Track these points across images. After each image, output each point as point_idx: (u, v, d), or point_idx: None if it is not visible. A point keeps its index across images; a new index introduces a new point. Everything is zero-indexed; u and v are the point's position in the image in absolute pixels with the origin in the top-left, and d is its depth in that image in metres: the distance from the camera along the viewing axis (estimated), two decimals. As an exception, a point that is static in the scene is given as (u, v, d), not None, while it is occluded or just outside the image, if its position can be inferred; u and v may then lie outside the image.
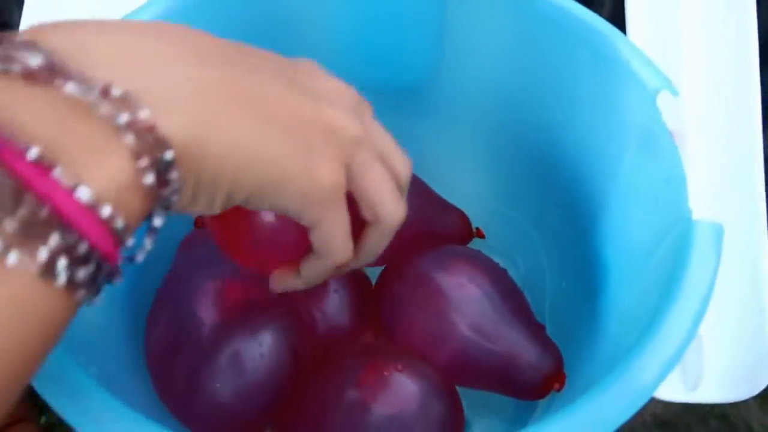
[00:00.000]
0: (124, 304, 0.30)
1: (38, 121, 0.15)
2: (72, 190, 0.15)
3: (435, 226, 0.41)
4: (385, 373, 0.29)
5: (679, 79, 0.36)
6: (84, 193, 0.15)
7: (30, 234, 0.14)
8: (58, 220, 0.15)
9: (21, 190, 0.14)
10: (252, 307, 0.29)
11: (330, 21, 0.38)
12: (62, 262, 0.15)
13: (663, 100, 0.26)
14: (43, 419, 0.48)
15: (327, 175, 0.20)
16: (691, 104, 0.36)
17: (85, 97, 0.15)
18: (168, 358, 0.28)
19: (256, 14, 0.36)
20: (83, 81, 0.16)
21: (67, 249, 0.15)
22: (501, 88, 0.38)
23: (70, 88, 0.15)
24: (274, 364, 0.28)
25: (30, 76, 0.15)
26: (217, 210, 0.20)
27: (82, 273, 0.15)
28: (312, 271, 0.25)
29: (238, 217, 0.27)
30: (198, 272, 0.30)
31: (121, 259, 0.17)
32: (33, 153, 0.15)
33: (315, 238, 0.22)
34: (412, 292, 0.35)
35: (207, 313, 0.28)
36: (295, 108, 0.20)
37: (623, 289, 0.28)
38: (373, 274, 0.40)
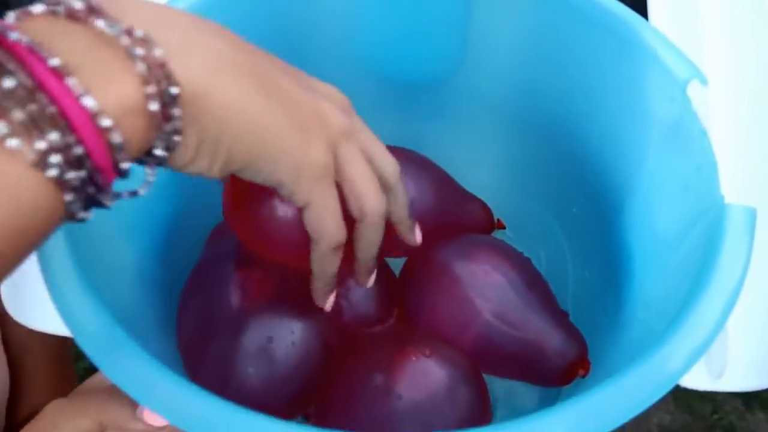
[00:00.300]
0: (156, 292, 0.31)
1: (67, 46, 0.18)
2: (79, 96, 0.17)
3: (458, 217, 0.41)
4: (413, 358, 0.29)
5: (703, 65, 0.36)
6: (89, 102, 0.17)
7: (34, 127, 0.16)
8: (62, 121, 0.17)
9: (35, 88, 0.17)
10: (284, 296, 0.29)
11: (355, 19, 0.38)
12: (56, 158, 0.17)
13: (693, 90, 0.26)
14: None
15: (319, 154, 0.23)
16: (714, 91, 0.36)
17: (110, 31, 0.18)
18: (200, 344, 0.29)
19: (283, 12, 0.37)
20: (113, 20, 0.18)
21: (63, 148, 0.17)
22: (525, 80, 0.38)
23: (100, 23, 0.18)
24: (305, 352, 0.29)
25: (71, 15, 0.18)
26: (215, 173, 0.22)
27: (72, 175, 0.17)
28: (317, 261, 0.26)
29: (257, 215, 0.28)
30: (229, 261, 0.31)
31: (123, 195, 0.19)
32: (53, 61, 0.17)
33: (308, 218, 0.24)
34: (436, 280, 0.35)
35: (239, 300, 0.29)
36: (296, 95, 0.23)
37: (650, 276, 0.28)
38: (397, 265, 0.40)
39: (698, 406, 0.77)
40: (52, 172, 0.17)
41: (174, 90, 0.19)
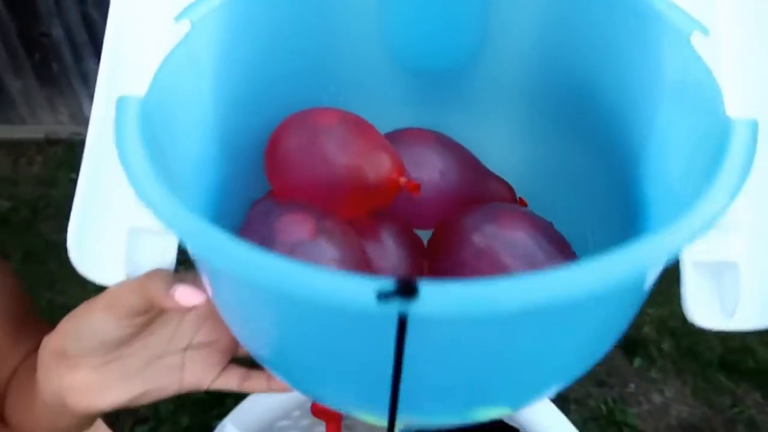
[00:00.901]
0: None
1: None
2: None
3: (481, 194, 0.44)
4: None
5: (714, 26, 0.38)
6: None
7: None
8: None
9: None
10: (327, 236, 0.32)
11: (380, 12, 0.41)
12: None
13: (695, 40, 0.29)
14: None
15: None
16: (727, 51, 0.38)
17: None
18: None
19: (310, 7, 0.40)
20: None
21: None
22: (542, 62, 0.41)
23: None
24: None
25: None
26: None
27: None
28: None
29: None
30: (273, 212, 0.33)
31: None
32: None
33: None
34: (463, 240, 0.37)
35: (285, 240, 0.31)
36: None
37: (663, 209, 0.30)
38: (424, 238, 0.43)
39: (717, 400, 0.77)
40: None
41: None
